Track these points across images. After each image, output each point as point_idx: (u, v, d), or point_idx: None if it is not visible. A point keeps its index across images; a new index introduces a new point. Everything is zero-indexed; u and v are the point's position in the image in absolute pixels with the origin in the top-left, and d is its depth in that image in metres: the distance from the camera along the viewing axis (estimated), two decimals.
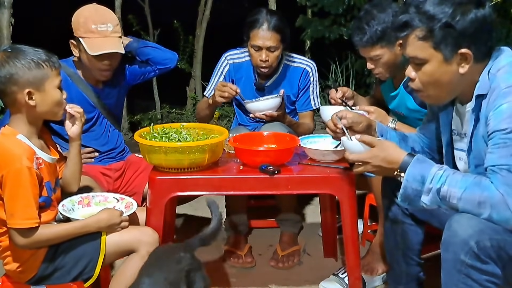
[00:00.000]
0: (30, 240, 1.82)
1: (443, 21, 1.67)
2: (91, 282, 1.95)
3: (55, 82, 1.89)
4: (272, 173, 2.10)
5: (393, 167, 1.81)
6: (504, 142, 1.63)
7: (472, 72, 1.74)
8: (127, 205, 2.13)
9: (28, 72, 1.83)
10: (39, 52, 1.87)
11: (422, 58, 1.74)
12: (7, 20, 4.00)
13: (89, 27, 2.44)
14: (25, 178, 1.77)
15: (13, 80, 1.82)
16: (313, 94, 2.93)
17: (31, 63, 1.83)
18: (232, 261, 2.71)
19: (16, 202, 1.78)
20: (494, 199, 1.60)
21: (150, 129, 2.26)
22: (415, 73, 1.79)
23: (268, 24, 2.69)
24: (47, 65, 1.86)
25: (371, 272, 2.51)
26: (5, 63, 1.82)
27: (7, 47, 1.90)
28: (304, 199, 3.44)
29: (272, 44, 2.70)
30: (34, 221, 1.80)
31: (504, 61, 1.72)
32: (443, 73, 1.74)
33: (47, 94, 1.87)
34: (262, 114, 2.64)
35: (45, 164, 1.89)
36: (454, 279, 1.65)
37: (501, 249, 1.62)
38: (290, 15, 5.14)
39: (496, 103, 1.66)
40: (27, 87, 1.83)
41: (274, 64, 2.77)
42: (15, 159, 1.78)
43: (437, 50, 1.71)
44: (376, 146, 1.83)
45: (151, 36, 5.52)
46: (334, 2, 5.38)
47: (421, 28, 1.70)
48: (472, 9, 1.67)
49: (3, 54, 1.85)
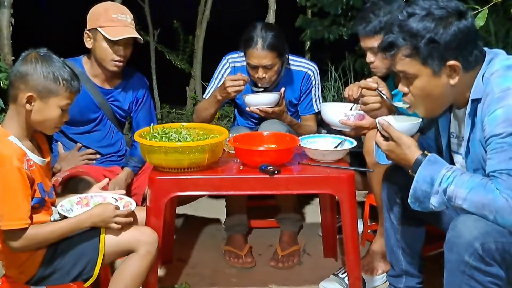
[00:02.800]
0: (24, 241, 1.80)
1: (426, 37, 1.69)
2: (91, 282, 1.95)
3: (61, 102, 1.89)
4: (272, 173, 2.10)
5: (406, 165, 1.82)
6: (501, 146, 1.64)
7: (463, 81, 1.75)
8: (126, 204, 2.12)
9: (42, 80, 1.85)
10: (65, 70, 1.90)
11: (412, 73, 1.76)
12: (7, 20, 3.99)
13: (109, 16, 2.52)
14: (15, 179, 1.77)
15: (24, 79, 1.85)
16: (315, 97, 2.92)
17: (50, 74, 1.86)
18: (232, 261, 2.70)
19: (4, 203, 1.77)
20: (498, 203, 1.60)
21: (150, 129, 2.26)
22: (407, 88, 1.81)
23: (263, 43, 2.65)
24: (63, 84, 1.88)
25: (371, 272, 2.51)
26: (29, 62, 1.86)
27: (43, 50, 1.93)
28: (304, 199, 3.44)
29: (268, 62, 2.67)
30: (23, 222, 1.79)
31: (497, 65, 1.73)
32: (434, 86, 1.76)
33: (47, 107, 1.88)
34: (256, 109, 2.63)
35: (36, 166, 1.88)
36: (457, 279, 1.65)
37: (505, 252, 1.62)
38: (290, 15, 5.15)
39: (490, 108, 1.67)
40: (32, 92, 1.85)
41: (273, 78, 2.75)
42: (5, 160, 1.77)
43: (425, 65, 1.73)
44: (395, 139, 1.81)
45: (151, 36, 5.51)
46: (333, 2, 5.38)
47: (406, 46, 1.73)
48: (454, 22, 1.69)
49: (35, 54, 1.89)
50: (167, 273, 2.62)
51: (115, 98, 2.68)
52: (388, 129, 1.81)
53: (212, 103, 2.80)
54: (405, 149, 1.80)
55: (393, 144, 1.82)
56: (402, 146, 1.80)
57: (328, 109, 2.36)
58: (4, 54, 3.99)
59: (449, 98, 1.80)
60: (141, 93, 2.74)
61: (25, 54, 1.90)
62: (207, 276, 2.61)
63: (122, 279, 1.95)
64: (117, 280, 1.96)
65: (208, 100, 2.84)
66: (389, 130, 1.81)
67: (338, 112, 2.29)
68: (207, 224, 3.23)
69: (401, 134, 1.81)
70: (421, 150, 1.80)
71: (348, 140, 2.33)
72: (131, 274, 1.95)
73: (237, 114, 3.04)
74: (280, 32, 2.73)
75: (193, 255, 2.82)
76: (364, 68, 5.64)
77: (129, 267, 1.95)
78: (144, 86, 2.76)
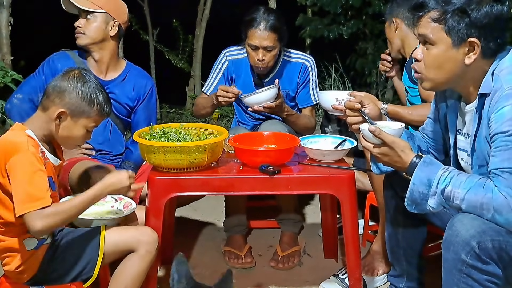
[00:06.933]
0: (47, 219, 1.75)
1: (457, 5, 1.69)
2: (91, 282, 1.94)
3: (89, 124, 1.93)
4: (272, 173, 2.09)
5: (401, 168, 1.81)
6: (506, 144, 1.63)
7: (476, 66, 1.74)
8: (126, 205, 2.12)
9: (78, 99, 1.88)
10: (100, 94, 1.93)
11: (432, 39, 1.75)
12: (6, 20, 4.00)
13: None
14: (31, 161, 1.76)
15: (61, 94, 1.88)
16: (312, 88, 2.92)
17: (87, 96, 1.89)
18: (232, 261, 2.70)
19: (23, 187, 1.74)
20: (497, 201, 1.60)
21: (149, 129, 2.25)
22: (422, 55, 1.80)
23: (265, 24, 2.68)
24: (96, 108, 1.91)
25: (372, 272, 2.51)
26: (71, 79, 1.90)
27: (85, 71, 1.98)
28: (304, 199, 3.43)
29: (269, 44, 2.69)
30: (45, 201, 1.74)
31: (508, 61, 1.72)
32: (448, 58, 1.74)
33: (75, 126, 1.90)
34: (260, 107, 2.63)
35: (49, 163, 1.88)
36: (454, 278, 1.65)
37: (502, 251, 1.62)
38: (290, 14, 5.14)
39: (498, 105, 1.66)
40: (65, 108, 1.87)
41: (270, 63, 2.77)
42: (22, 146, 1.77)
43: (447, 34, 1.72)
44: (388, 143, 1.80)
45: (150, 36, 5.51)
46: (333, 1, 5.38)
47: (436, 10, 1.72)
48: (490, 2, 1.68)
49: (78, 71, 1.94)
50: (167, 273, 2.62)
51: (111, 90, 2.64)
52: (380, 135, 1.80)
53: (209, 104, 2.82)
54: (399, 152, 1.79)
55: (386, 148, 1.82)
56: (396, 149, 1.79)
57: (323, 95, 2.37)
58: (3, 53, 3.99)
59: (455, 78, 1.78)
60: (142, 91, 2.72)
61: (68, 69, 1.95)
62: (207, 276, 2.60)
63: (122, 279, 1.95)
64: (117, 280, 1.96)
65: (207, 100, 2.86)
66: (382, 135, 1.80)
67: (331, 98, 2.30)
68: (206, 225, 3.22)
69: (394, 138, 1.80)
70: (415, 152, 1.80)
71: (348, 140, 2.33)
72: (131, 274, 1.94)
73: (236, 109, 3.04)
74: (281, 16, 2.76)
75: (193, 256, 2.81)
76: (364, 68, 5.64)
77: (129, 267, 1.95)
78: (147, 85, 2.73)
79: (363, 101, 1.97)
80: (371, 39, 5.59)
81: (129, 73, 2.71)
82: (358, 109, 1.96)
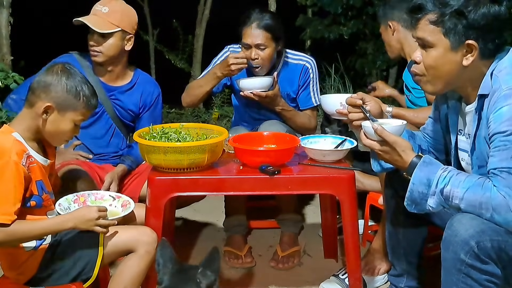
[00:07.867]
0: (3, 235, 1.75)
1: (455, 7, 1.69)
2: (90, 282, 1.93)
3: (77, 117, 1.92)
4: (272, 174, 2.09)
5: (400, 167, 1.82)
6: (504, 144, 1.63)
7: (474, 67, 1.74)
8: (124, 203, 2.11)
9: (64, 93, 1.87)
10: (86, 87, 1.92)
11: (431, 41, 1.75)
12: (6, 20, 4.00)
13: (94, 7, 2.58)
14: (10, 173, 1.75)
15: (46, 89, 1.87)
16: (313, 90, 2.92)
17: (73, 89, 1.88)
18: (232, 261, 2.69)
19: None
20: (495, 201, 1.60)
21: (149, 129, 2.25)
22: (421, 57, 1.80)
23: (258, 22, 2.68)
24: (83, 100, 1.90)
25: (372, 272, 2.50)
26: (55, 73, 1.89)
27: (69, 65, 1.96)
28: (304, 199, 3.43)
29: (260, 41, 2.68)
30: (8, 217, 1.74)
31: (507, 62, 1.72)
32: (446, 61, 1.75)
33: (62, 120, 1.89)
34: (250, 93, 2.63)
35: (38, 164, 1.87)
36: (454, 278, 1.65)
37: (501, 250, 1.62)
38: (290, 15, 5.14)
39: (496, 106, 1.66)
40: (51, 102, 1.86)
41: (266, 64, 2.75)
42: (4, 153, 1.76)
43: (445, 36, 1.72)
44: (390, 142, 1.80)
45: (150, 36, 5.51)
46: (333, 1, 5.38)
47: (434, 12, 1.73)
48: (487, 3, 1.68)
49: (62, 66, 1.92)
50: None
51: (116, 97, 2.67)
52: (382, 133, 1.80)
53: (209, 80, 2.77)
54: (400, 152, 1.79)
55: (387, 147, 1.82)
56: (397, 149, 1.79)
57: (326, 99, 2.34)
58: (3, 53, 3.99)
59: (455, 80, 1.79)
60: (149, 99, 2.73)
61: (51, 64, 1.93)
62: None
63: (122, 280, 1.94)
64: (117, 281, 1.95)
65: (205, 78, 2.81)
66: (383, 134, 1.80)
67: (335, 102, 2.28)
68: (206, 225, 3.22)
69: (396, 138, 1.80)
70: (415, 152, 1.80)
71: (348, 140, 2.33)
72: (131, 274, 1.94)
73: (235, 107, 3.03)
74: (277, 17, 2.76)
75: (193, 256, 2.80)
76: (365, 68, 5.64)
77: (129, 267, 1.95)
78: (154, 93, 2.75)
79: (365, 98, 1.97)
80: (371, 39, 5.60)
81: (138, 80, 2.71)
82: (360, 106, 1.96)
